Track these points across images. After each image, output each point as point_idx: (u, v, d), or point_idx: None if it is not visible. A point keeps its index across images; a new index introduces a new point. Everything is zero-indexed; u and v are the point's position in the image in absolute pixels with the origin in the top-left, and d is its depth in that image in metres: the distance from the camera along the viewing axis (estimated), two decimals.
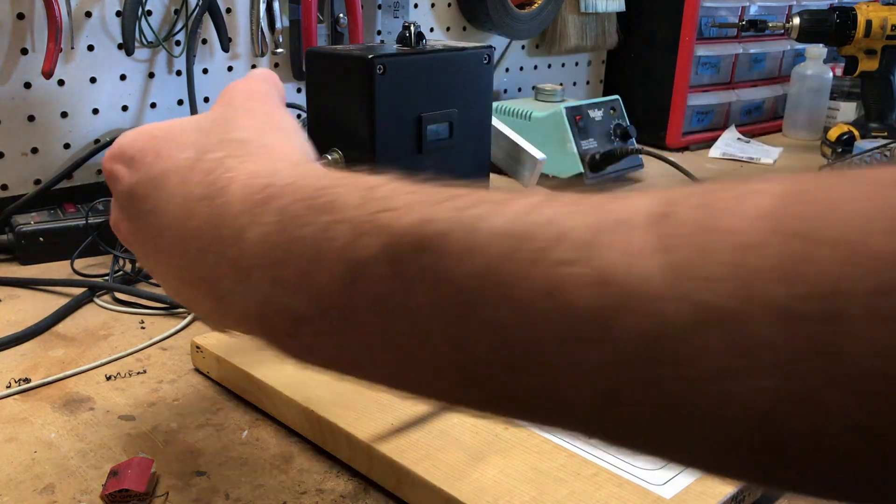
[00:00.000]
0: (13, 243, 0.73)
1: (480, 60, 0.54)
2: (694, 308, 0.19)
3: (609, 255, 0.20)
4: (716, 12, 1.20)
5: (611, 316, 0.20)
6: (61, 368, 0.54)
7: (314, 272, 0.27)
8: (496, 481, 0.39)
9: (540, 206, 0.24)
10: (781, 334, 0.18)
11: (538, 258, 0.22)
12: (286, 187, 0.30)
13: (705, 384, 0.19)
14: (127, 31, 0.80)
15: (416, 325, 0.24)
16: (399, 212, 0.26)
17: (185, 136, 0.35)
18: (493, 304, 0.22)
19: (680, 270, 0.19)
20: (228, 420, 0.48)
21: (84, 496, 0.41)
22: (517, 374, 0.22)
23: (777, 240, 0.18)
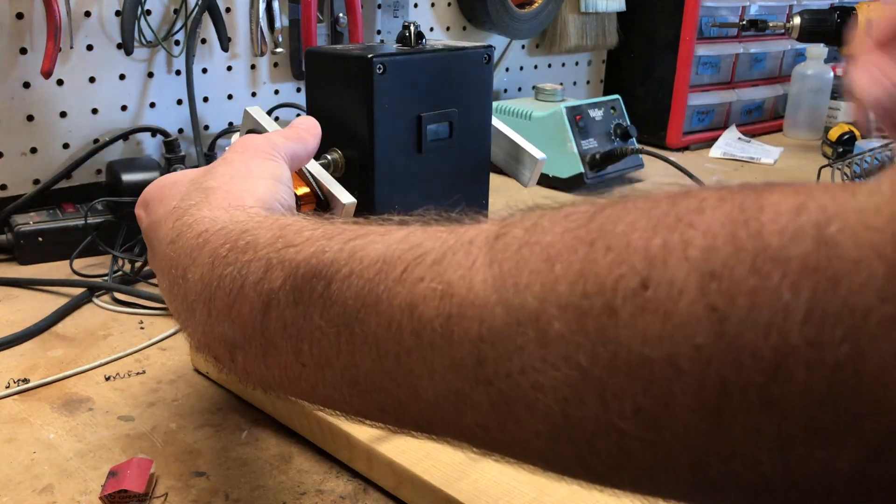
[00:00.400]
0: (12, 243, 0.73)
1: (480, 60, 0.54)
2: (509, 310, 0.22)
3: (452, 272, 0.24)
4: (716, 12, 1.20)
5: (452, 323, 0.23)
6: (60, 369, 0.54)
7: (237, 304, 0.31)
8: (496, 482, 0.39)
9: (414, 233, 0.27)
10: (570, 328, 0.20)
11: (403, 278, 0.25)
12: (218, 232, 0.34)
13: (520, 377, 0.21)
14: (126, 30, 0.80)
15: (315, 344, 0.28)
16: (300, 247, 0.30)
17: (181, 185, 0.41)
18: (368, 320, 0.26)
19: (502, 280, 0.22)
20: (228, 420, 0.48)
21: (83, 497, 0.41)
22: (394, 383, 0.25)
23: (574, 248, 0.21)
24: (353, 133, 0.51)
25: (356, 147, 0.51)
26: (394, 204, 0.52)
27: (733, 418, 0.18)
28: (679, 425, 0.19)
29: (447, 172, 0.54)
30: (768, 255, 0.18)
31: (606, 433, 0.20)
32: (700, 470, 0.19)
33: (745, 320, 0.17)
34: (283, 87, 0.96)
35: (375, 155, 0.50)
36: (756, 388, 0.18)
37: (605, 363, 0.20)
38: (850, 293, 0.16)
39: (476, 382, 0.23)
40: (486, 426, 0.24)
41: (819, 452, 0.17)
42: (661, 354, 0.19)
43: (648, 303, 0.19)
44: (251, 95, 0.93)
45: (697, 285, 0.18)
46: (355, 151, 0.51)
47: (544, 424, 0.22)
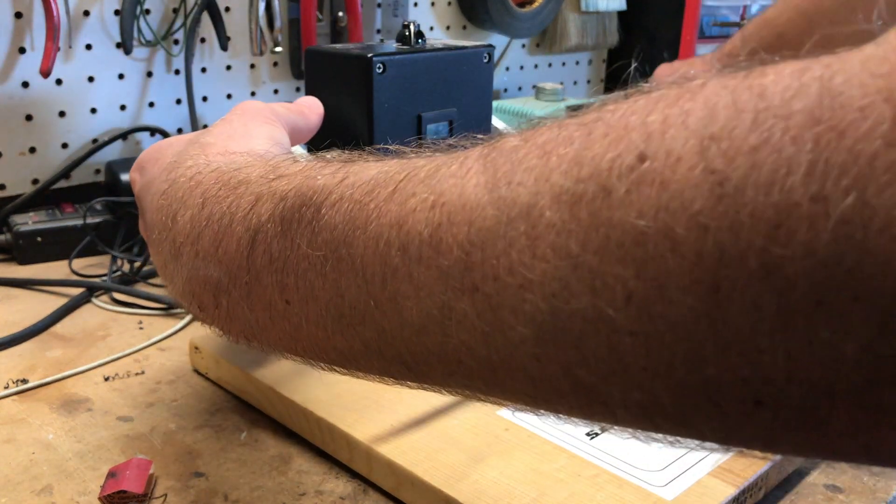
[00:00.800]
0: (11, 243, 0.72)
1: (480, 59, 0.54)
2: (501, 209, 0.21)
3: (445, 182, 0.23)
4: (717, 11, 1.20)
5: (441, 231, 0.22)
6: (59, 369, 0.54)
7: (224, 241, 0.31)
8: (496, 483, 0.39)
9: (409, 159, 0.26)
10: (562, 216, 0.19)
11: (394, 196, 0.24)
12: (211, 173, 0.34)
13: (508, 277, 0.21)
14: (125, 30, 0.79)
15: (301, 276, 0.27)
16: (289, 177, 0.29)
17: (178, 145, 0.40)
18: (356, 243, 0.25)
19: (495, 182, 0.22)
20: (227, 421, 0.48)
21: (82, 497, 0.41)
22: (380, 310, 0.25)
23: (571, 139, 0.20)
24: (352, 132, 0.51)
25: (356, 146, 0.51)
26: None
27: (731, 295, 0.17)
28: (673, 311, 0.18)
29: None
30: (770, 112, 0.17)
31: (596, 330, 0.19)
32: (696, 367, 0.18)
33: (745, 179, 0.17)
34: (283, 87, 0.96)
35: None
36: (756, 253, 0.17)
37: (596, 247, 0.19)
38: (855, 141, 0.16)
39: (462, 291, 0.22)
40: (471, 344, 0.22)
41: (823, 332, 0.16)
42: (655, 227, 0.18)
43: (645, 175, 0.18)
44: (251, 95, 0.93)
45: (696, 150, 0.18)
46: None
47: (531, 328, 0.21)
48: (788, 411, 0.18)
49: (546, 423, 0.43)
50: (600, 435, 0.42)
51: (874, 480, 0.43)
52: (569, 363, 0.20)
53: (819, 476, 0.43)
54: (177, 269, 0.34)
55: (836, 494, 0.42)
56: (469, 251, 0.22)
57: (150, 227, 0.39)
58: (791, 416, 0.18)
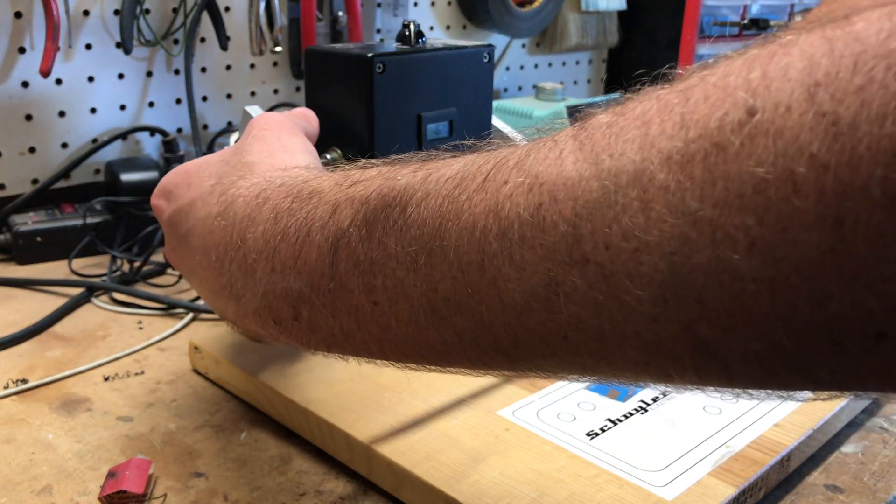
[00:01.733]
0: (10, 243, 0.72)
1: (480, 59, 0.54)
2: (605, 178, 0.21)
3: (539, 163, 0.23)
4: (717, 11, 1.20)
5: (542, 210, 0.23)
6: (59, 369, 0.54)
7: (304, 253, 0.31)
8: (496, 483, 0.39)
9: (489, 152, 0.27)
10: (675, 177, 0.20)
11: (485, 186, 0.25)
12: (279, 189, 0.34)
13: (622, 243, 0.21)
14: (125, 29, 0.79)
15: (389, 276, 0.27)
16: (366, 182, 0.30)
17: (211, 167, 0.40)
18: (448, 235, 0.25)
19: (595, 156, 0.22)
20: (227, 421, 0.48)
21: (82, 497, 0.41)
22: (477, 298, 0.25)
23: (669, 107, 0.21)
24: (352, 132, 0.51)
25: (356, 146, 0.51)
26: None
27: (855, 227, 0.17)
28: (798, 251, 0.18)
29: None
30: (869, 54, 0.18)
31: (719, 281, 0.20)
32: (821, 305, 0.18)
33: (857, 116, 0.17)
34: (283, 87, 0.96)
35: (375, 154, 0.50)
36: (877, 182, 0.17)
37: (715, 201, 0.19)
38: None
39: (571, 265, 0.22)
40: (581, 317, 0.22)
41: None
42: (776, 173, 0.18)
43: (758, 127, 0.19)
44: (250, 95, 0.93)
45: (804, 97, 0.18)
46: (355, 150, 0.51)
47: (649, 289, 0.21)
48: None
49: (546, 423, 0.43)
50: (600, 435, 0.42)
51: (874, 480, 0.43)
52: (689, 320, 0.21)
53: (819, 476, 0.43)
54: (249, 288, 0.34)
55: (836, 494, 0.42)
56: (576, 224, 0.22)
57: (197, 251, 0.38)
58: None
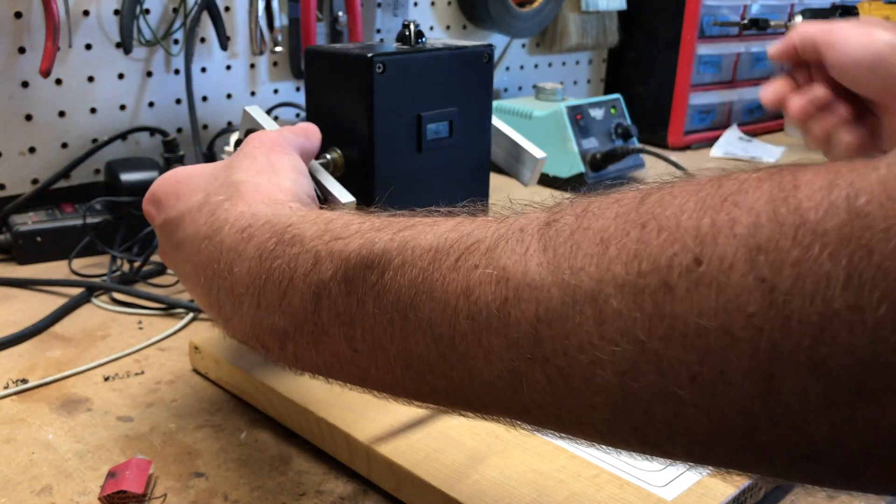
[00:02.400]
0: (10, 243, 0.72)
1: (480, 59, 0.54)
2: (566, 291, 0.23)
3: (507, 258, 0.25)
4: (717, 11, 1.20)
5: (508, 306, 0.24)
6: (59, 369, 0.54)
7: (288, 296, 0.32)
8: (496, 483, 0.39)
9: (463, 223, 0.28)
10: (627, 305, 0.22)
11: (458, 265, 0.26)
12: (263, 227, 0.35)
13: (579, 354, 0.23)
14: (125, 29, 0.79)
15: (368, 331, 0.29)
16: (348, 239, 0.31)
17: (199, 180, 0.41)
18: (423, 306, 0.27)
19: (557, 264, 0.24)
20: (227, 421, 0.48)
21: (82, 497, 0.41)
22: (448, 365, 0.27)
23: (627, 231, 0.23)
24: (352, 132, 0.51)
25: (355, 146, 0.51)
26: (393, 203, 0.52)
27: (783, 381, 0.19)
28: (733, 390, 0.20)
29: (447, 172, 0.54)
30: (808, 228, 0.19)
31: (663, 402, 0.22)
32: (751, 434, 0.21)
33: (792, 289, 0.19)
34: (283, 87, 0.96)
35: (375, 154, 0.50)
36: (804, 350, 0.19)
37: (661, 336, 0.21)
38: (882, 259, 0.18)
39: (533, 361, 0.24)
40: (542, 403, 0.25)
41: (863, 410, 0.19)
42: (716, 324, 0.20)
43: (702, 277, 0.20)
44: (250, 95, 0.93)
45: (746, 259, 0.20)
46: (355, 151, 0.51)
47: (602, 397, 0.23)
48: (830, 465, 0.20)
49: None
50: None
51: None
52: (638, 425, 0.23)
53: None
54: (237, 315, 0.35)
55: (836, 494, 0.42)
56: (538, 327, 0.24)
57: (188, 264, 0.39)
58: (832, 468, 0.20)
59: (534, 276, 0.24)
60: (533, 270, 0.24)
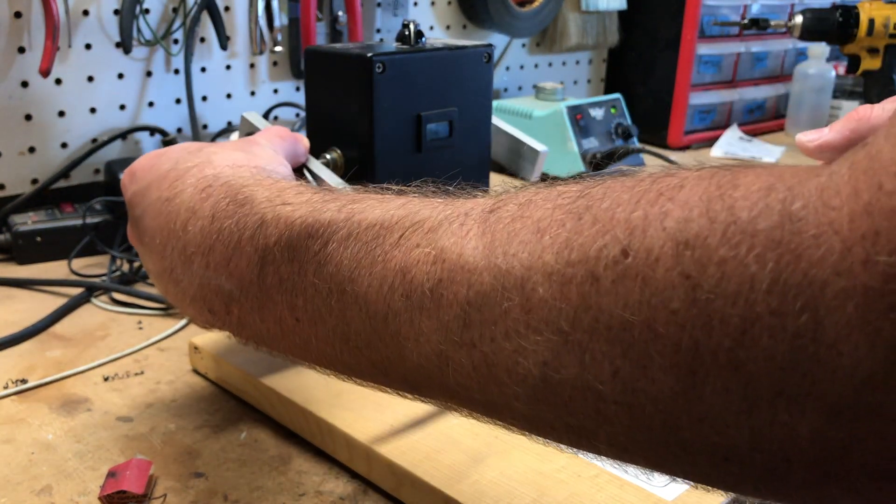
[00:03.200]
0: (10, 243, 0.72)
1: (480, 59, 0.54)
2: (496, 276, 0.23)
3: (446, 239, 0.25)
4: (718, 10, 1.20)
5: (442, 287, 0.24)
6: (59, 369, 0.54)
7: (234, 257, 0.32)
8: (496, 483, 0.39)
9: (412, 202, 0.28)
10: (553, 295, 0.21)
11: (400, 243, 0.26)
12: (221, 186, 0.35)
13: (504, 341, 0.23)
14: (125, 29, 0.79)
15: (309, 300, 0.29)
16: (295, 206, 0.31)
17: (174, 152, 0.41)
18: (361, 281, 0.27)
19: (492, 248, 0.24)
20: (227, 421, 0.48)
21: (82, 497, 0.41)
22: (382, 342, 0.27)
23: (563, 222, 0.22)
24: (352, 132, 0.51)
25: (355, 146, 0.51)
26: None
27: (705, 379, 0.19)
28: (654, 387, 0.20)
29: (447, 172, 0.54)
30: (738, 227, 0.19)
31: (584, 396, 0.21)
32: (672, 431, 0.20)
33: (716, 288, 0.19)
34: (283, 86, 0.96)
35: (375, 154, 0.50)
36: (725, 351, 0.19)
37: (585, 327, 0.21)
38: (809, 266, 0.18)
39: (460, 345, 0.24)
40: (467, 386, 0.25)
41: (782, 415, 0.19)
42: (639, 318, 0.20)
43: (628, 270, 0.20)
44: (250, 94, 0.93)
45: (673, 253, 0.20)
46: (355, 150, 0.51)
47: (523, 387, 0.23)
48: (752, 469, 0.20)
49: None
50: None
51: None
52: (559, 414, 0.23)
53: None
54: (186, 276, 0.35)
55: None
56: (467, 311, 0.24)
57: (147, 232, 0.39)
58: (754, 472, 0.20)
59: (468, 258, 0.24)
60: (468, 253, 0.24)
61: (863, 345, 0.17)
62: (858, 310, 0.17)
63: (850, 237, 0.17)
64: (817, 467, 0.19)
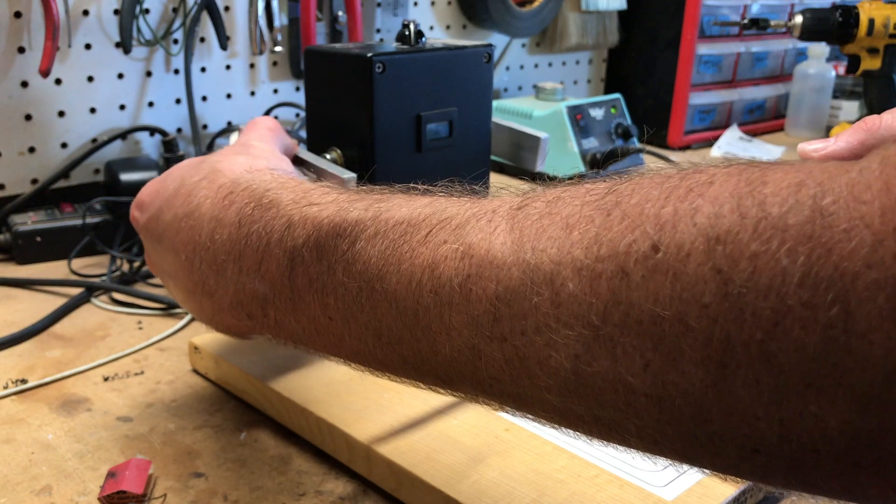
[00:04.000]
0: (10, 243, 0.72)
1: (480, 59, 0.54)
2: (525, 271, 0.23)
3: (474, 235, 0.25)
4: (718, 10, 1.20)
5: (470, 282, 0.25)
6: (58, 369, 0.54)
7: (265, 260, 0.33)
8: (496, 483, 0.39)
9: (438, 200, 0.29)
10: (583, 289, 0.22)
11: (427, 239, 0.27)
12: (243, 192, 0.36)
13: (535, 335, 0.23)
14: (124, 29, 0.79)
15: (340, 298, 0.29)
16: (322, 206, 0.32)
17: (177, 171, 0.41)
18: (390, 278, 0.27)
19: (520, 244, 0.24)
20: (227, 421, 0.48)
21: (81, 498, 0.41)
22: (414, 337, 0.27)
23: (591, 218, 0.23)
24: (352, 132, 0.51)
25: (355, 146, 0.51)
26: None
27: (735, 372, 0.19)
28: (685, 380, 0.20)
29: (447, 172, 0.54)
30: (769, 222, 0.19)
31: (615, 388, 0.22)
32: (702, 423, 0.21)
33: (748, 282, 0.19)
34: (283, 86, 0.96)
35: (375, 154, 0.50)
36: (757, 343, 0.19)
37: (616, 322, 0.21)
38: (840, 259, 0.18)
39: (491, 339, 0.24)
40: (500, 379, 0.25)
41: (812, 406, 0.19)
42: (671, 313, 0.20)
43: (659, 265, 0.20)
44: (250, 94, 0.93)
45: (704, 249, 0.20)
46: (355, 150, 0.51)
47: (555, 380, 0.23)
48: (780, 460, 0.20)
49: None
50: None
51: None
52: (589, 407, 0.23)
53: None
54: (221, 285, 0.36)
55: None
56: (497, 306, 0.24)
57: (170, 252, 0.39)
58: (782, 463, 0.20)
59: (496, 253, 0.24)
60: (496, 248, 0.24)
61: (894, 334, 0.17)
62: (890, 301, 0.17)
63: (882, 230, 0.18)
64: (846, 457, 0.19)
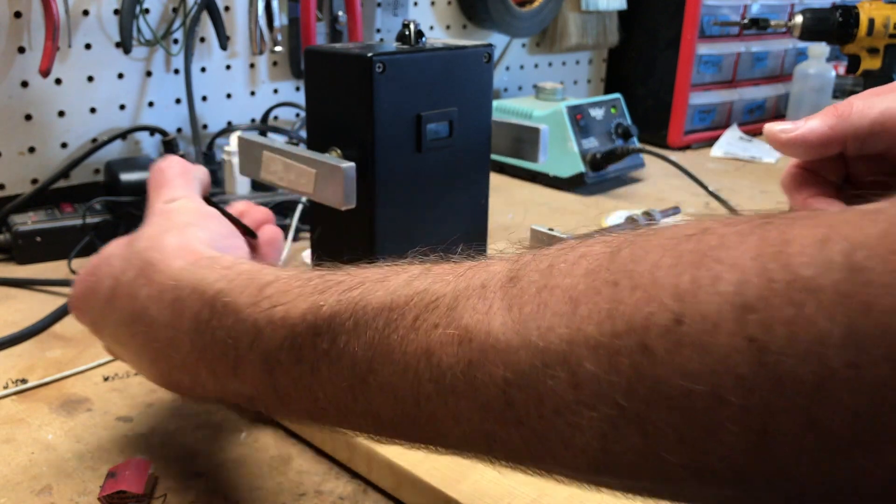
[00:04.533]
0: (10, 243, 0.72)
1: (480, 59, 0.54)
2: (534, 353, 0.22)
3: (468, 317, 0.24)
4: (718, 10, 1.20)
5: (473, 368, 0.23)
6: (59, 369, 0.54)
7: (240, 365, 0.31)
8: (496, 483, 0.39)
9: (417, 277, 0.27)
10: (603, 368, 0.20)
11: (416, 325, 0.25)
12: (190, 295, 0.33)
13: (555, 417, 0.22)
14: (124, 29, 0.79)
15: (329, 395, 0.28)
16: (289, 305, 0.29)
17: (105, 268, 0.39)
18: (382, 370, 0.26)
19: (523, 323, 0.22)
20: (227, 421, 0.48)
21: (81, 498, 0.41)
22: (416, 424, 0.26)
23: (598, 289, 0.21)
24: (352, 132, 0.51)
25: (355, 146, 0.51)
26: (394, 203, 0.52)
27: (776, 435, 0.19)
28: (724, 448, 0.19)
29: (447, 172, 0.54)
30: (801, 285, 0.18)
31: (648, 462, 0.21)
32: (741, 483, 0.20)
33: (785, 348, 0.18)
34: (283, 86, 0.96)
35: (375, 154, 0.50)
36: (799, 410, 0.18)
37: (643, 398, 0.20)
38: (882, 314, 0.17)
39: (506, 423, 0.23)
40: (519, 458, 0.24)
41: (860, 461, 0.18)
42: (703, 387, 0.19)
43: (684, 338, 0.19)
44: (250, 94, 0.93)
45: (733, 318, 0.19)
46: (355, 150, 0.51)
47: (583, 459, 0.22)
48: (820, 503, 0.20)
49: None
50: None
51: None
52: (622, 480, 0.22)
53: None
54: (198, 385, 0.34)
55: None
56: (507, 390, 0.22)
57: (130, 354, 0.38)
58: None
59: (498, 336, 0.23)
60: (497, 330, 0.23)
61: None
62: None
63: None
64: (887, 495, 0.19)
